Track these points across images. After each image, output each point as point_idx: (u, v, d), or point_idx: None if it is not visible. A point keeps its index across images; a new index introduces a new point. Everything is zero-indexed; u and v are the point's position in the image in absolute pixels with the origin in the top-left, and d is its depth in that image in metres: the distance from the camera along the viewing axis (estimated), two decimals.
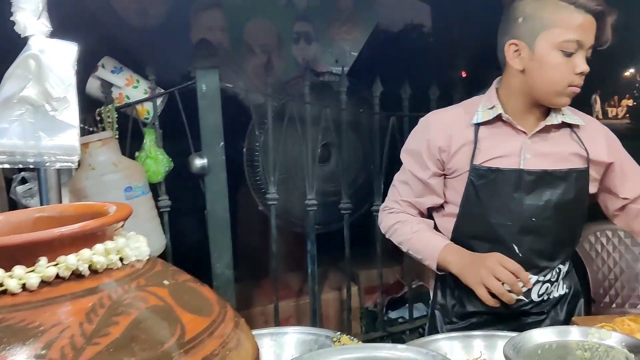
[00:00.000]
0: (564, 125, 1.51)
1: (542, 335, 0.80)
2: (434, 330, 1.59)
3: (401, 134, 2.66)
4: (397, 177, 1.63)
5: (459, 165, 1.49)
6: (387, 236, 1.62)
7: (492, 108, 1.48)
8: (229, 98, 2.39)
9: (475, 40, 3.43)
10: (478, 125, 1.49)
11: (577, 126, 1.52)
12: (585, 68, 1.39)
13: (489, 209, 1.47)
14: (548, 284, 1.50)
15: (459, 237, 1.51)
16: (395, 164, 2.69)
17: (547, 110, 1.50)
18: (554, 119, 1.49)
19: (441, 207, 1.59)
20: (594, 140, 1.53)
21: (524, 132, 1.48)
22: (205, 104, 2.12)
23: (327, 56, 3.42)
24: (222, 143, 2.15)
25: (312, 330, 1.20)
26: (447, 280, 1.56)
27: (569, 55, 1.39)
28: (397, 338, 2.79)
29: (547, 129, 1.49)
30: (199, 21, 2.99)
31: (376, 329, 2.80)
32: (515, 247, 1.45)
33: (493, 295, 1.37)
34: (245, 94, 2.41)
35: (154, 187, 2.12)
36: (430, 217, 1.63)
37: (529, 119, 1.49)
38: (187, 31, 2.89)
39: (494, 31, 1.55)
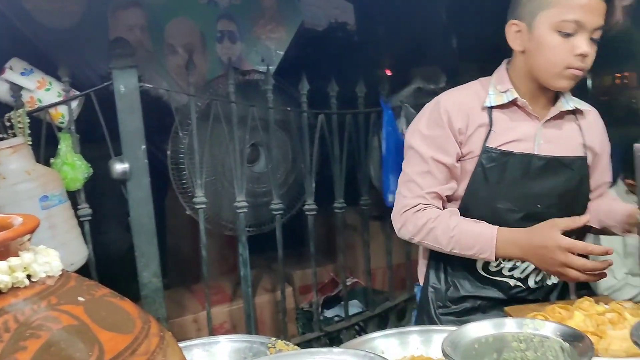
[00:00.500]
0: (570, 111, 1.49)
1: (478, 329, 0.80)
2: (424, 315, 1.54)
3: (330, 132, 2.65)
4: (413, 169, 1.48)
5: (473, 147, 1.44)
6: (416, 239, 1.45)
7: (505, 92, 1.44)
8: (150, 99, 2.30)
9: (399, 37, 3.49)
10: (491, 108, 1.44)
11: (581, 113, 1.51)
12: (585, 50, 1.33)
13: (495, 193, 1.43)
14: (544, 272, 1.48)
15: None
16: (325, 162, 2.72)
17: (555, 95, 1.48)
18: (565, 104, 1.47)
19: None
20: (592, 130, 1.52)
21: (537, 117, 1.45)
22: (124, 105, 2.03)
23: (253, 55, 3.38)
24: (143, 146, 2.06)
25: (246, 337, 1.16)
26: (442, 263, 1.52)
27: (567, 35, 1.33)
28: (334, 337, 2.78)
29: (560, 115, 1.47)
30: (118, 20, 2.87)
31: (312, 329, 2.78)
32: None
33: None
34: (167, 95, 2.33)
35: (72, 195, 2.01)
36: None
37: (538, 103, 1.46)
38: (104, 31, 2.77)
39: (417, 28, 1.53)
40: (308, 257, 2.78)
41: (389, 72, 3.50)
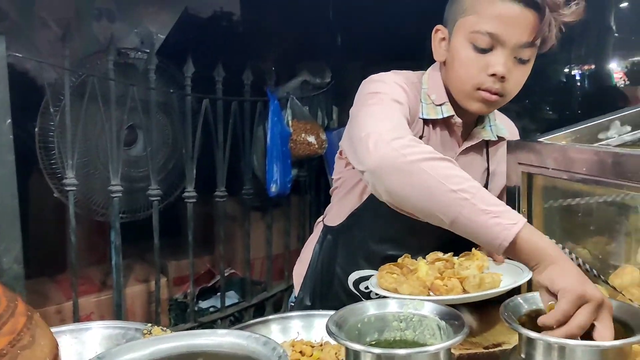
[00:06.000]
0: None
1: (361, 310, 0.82)
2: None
3: (215, 118, 2.60)
4: (385, 111, 1.09)
5: None
6: (417, 165, 0.94)
7: (441, 105, 1.20)
8: (16, 72, 2.11)
9: (286, 31, 3.51)
10: (425, 120, 1.20)
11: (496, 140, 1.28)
12: (500, 70, 1.08)
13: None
14: None
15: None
16: (208, 149, 2.65)
17: (478, 116, 1.25)
18: (490, 134, 1.25)
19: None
20: (497, 153, 1.30)
21: (457, 143, 1.24)
22: None
23: (133, 37, 3.25)
24: (9, 120, 1.88)
25: (119, 323, 1.09)
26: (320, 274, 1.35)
27: (482, 51, 1.10)
28: (209, 328, 2.73)
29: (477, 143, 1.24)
30: None
31: (186, 320, 2.71)
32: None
33: None
34: (38, 67, 2.15)
35: None
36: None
37: (463, 122, 1.22)
38: None
39: (304, 24, 1.39)
40: (183, 247, 2.70)
41: (272, 66, 3.52)
